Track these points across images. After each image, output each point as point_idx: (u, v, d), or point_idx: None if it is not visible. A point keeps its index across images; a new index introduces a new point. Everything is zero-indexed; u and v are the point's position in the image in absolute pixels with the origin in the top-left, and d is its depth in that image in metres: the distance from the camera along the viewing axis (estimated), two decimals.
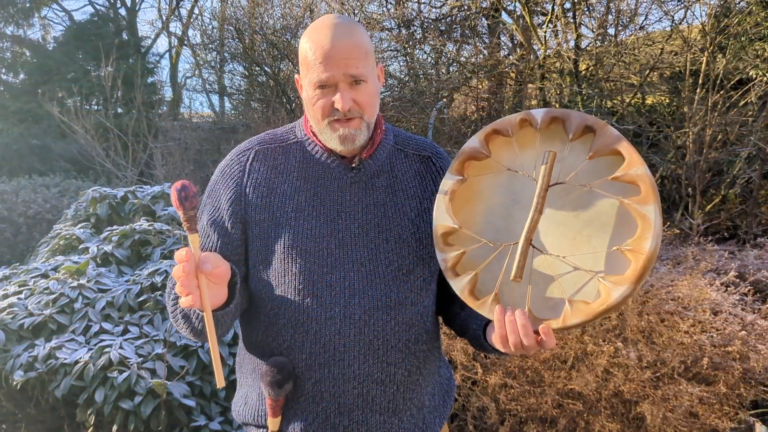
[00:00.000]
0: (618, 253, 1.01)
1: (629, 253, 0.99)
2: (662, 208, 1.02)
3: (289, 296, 1.19)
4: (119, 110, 9.81)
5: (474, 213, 1.17)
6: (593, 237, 1.05)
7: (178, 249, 3.07)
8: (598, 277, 1.02)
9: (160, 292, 2.85)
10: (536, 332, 1.03)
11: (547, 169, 1.06)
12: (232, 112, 10.81)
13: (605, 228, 1.04)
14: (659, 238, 1.00)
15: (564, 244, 1.07)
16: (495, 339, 1.10)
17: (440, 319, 1.41)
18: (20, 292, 2.86)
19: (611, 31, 6.04)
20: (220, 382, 1.01)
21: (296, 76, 1.26)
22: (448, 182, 1.18)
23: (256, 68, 8.44)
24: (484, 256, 1.13)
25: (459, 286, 1.11)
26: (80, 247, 3.35)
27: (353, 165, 1.23)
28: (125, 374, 2.38)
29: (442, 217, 1.16)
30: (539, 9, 6.31)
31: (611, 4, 5.87)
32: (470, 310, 1.26)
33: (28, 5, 12.81)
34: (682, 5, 5.81)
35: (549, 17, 5.93)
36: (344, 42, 1.14)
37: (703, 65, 5.10)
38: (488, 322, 1.19)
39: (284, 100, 7.72)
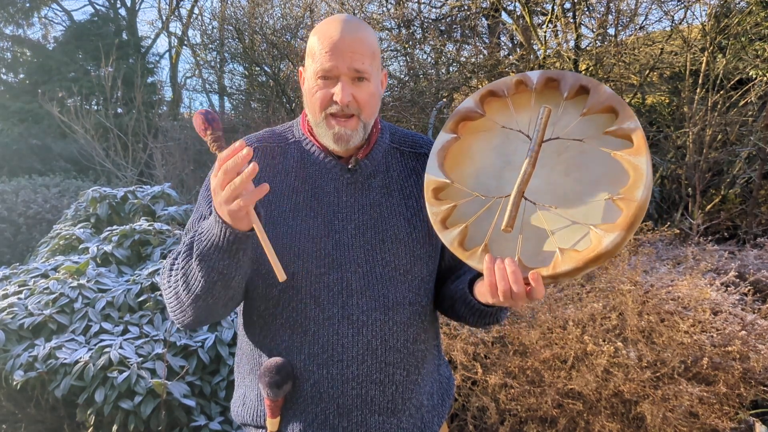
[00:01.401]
0: (610, 204, 1.02)
1: (621, 202, 1.00)
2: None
3: (286, 297, 1.19)
4: (119, 110, 9.80)
5: (466, 173, 1.18)
6: (585, 193, 1.06)
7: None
8: (589, 226, 1.02)
9: (160, 292, 2.84)
10: (526, 282, 1.02)
11: (543, 122, 1.07)
12: (232, 112, 10.80)
13: (598, 184, 1.05)
14: (650, 190, 1.01)
15: (556, 202, 1.08)
16: (483, 289, 1.09)
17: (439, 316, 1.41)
18: (20, 292, 2.86)
19: (611, 31, 6.04)
20: (280, 275, 1.04)
21: (300, 68, 1.26)
22: (441, 139, 1.20)
23: (256, 68, 8.43)
24: (475, 211, 1.14)
25: (448, 238, 1.11)
26: (80, 247, 3.35)
27: (350, 166, 1.24)
28: (125, 374, 2.38)
29: (433, 173, 1.17)
30: (539, 9, 6.31)
31: (611, 4, 5.87)
32: (458, 280, 1.26)
33: (27, 5, 12.81)
34: (682, 5, 5.81)
35: (549, 17, 5.93)
36: (353, 36, 1.15)
37: (703, 65, 5.10)
38: (473, 279, 1.19)
39: (284, 100, 7.72)
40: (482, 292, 1.11)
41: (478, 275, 1.14)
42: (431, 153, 1.20)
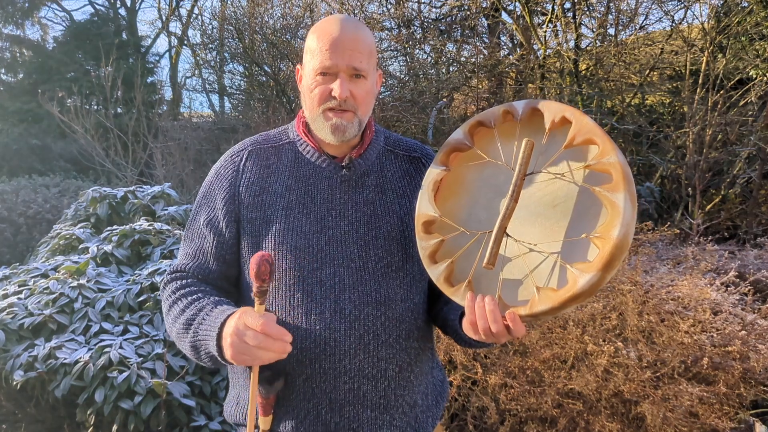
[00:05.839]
0: (588, 241, 1.02)
1: (597, 240, 0.99)
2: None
3: (279, 292, 1.20)
4: (119, 110, 9.80)
5: (458, 204, 1.19)
6: (569, 227, 1.05)
7: (178, 249, 3.02)
8: (567, 265, 1.01)
9: (159, 292, 2.84)
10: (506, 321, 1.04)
11: (524, 157, 1.07)
12: (232, 112, 10.80)
13: (580, 218, 1.04)
14: (630, 227, 0.98)
15: (542, 235, 1.07)
16: (466, 325, 1.11)
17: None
18: (20, 292, 2.86)
19: (611, 31, 6.05)
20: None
21: (297, 66, 1.29)
22: (432, 172, 1.21)
23: (256, 68, 8.43)
24: (463, 245, 1.14)
25: (435, 273, 1.13)
26: (80, 247, 3.35)
27: (344, 164, 1.25)
28: (125, 374, 2.38)
29: (424, 206, 1.19)
30: (539, 9, 6.31)
31: (611, 4, 5.87)
32: (451, 305, 1.27)
33: (27, 5, 12.81)
34: (682, 5, 5.81)
35: (549, 17, 5.93)
36: (352, 35, 1.18)
37: (703, 65, 5.10)
38: (463, 312, 1.20)
39: (284, 100, 7.72)
40: (467, 328, 1.13)
41: None
42: (422, 186, 1.21)
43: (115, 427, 2.36)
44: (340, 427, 1.21)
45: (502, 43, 7.29)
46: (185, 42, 13.85)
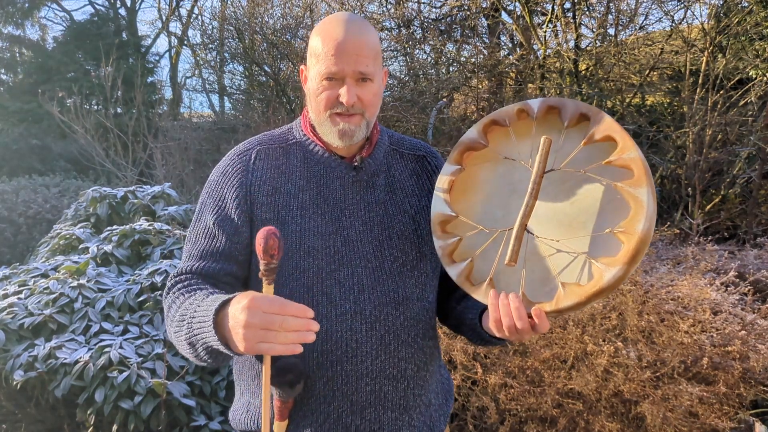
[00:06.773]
0: (612, 236, 1.02)
1: (622, 235, 1.00)
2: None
3: (298, 295, 1.18)
4: (119, 110, 9.80)
5: (473, 203, 1.19)
6: (588, 223, 1.06)
7: (178, 249, 2.99)
8: (591, 260, 1.02)
9: (159, 292, 2.84)
10: (530, 316, 1.04)
11: (543, 154, 1.07)
12: (232, 112, 10.79)
13: (600, 213, 1.05)
14: (652, 221, 1.00)
15: (560, 232, 1.08)
16: (490, 323, 1.10)
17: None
18: (20, 292, 2.86)
19: (611, 31, 6.04)
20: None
21: (301, 66, 1.26)
22: (446, 171, 1.21)
23: (256, 68, 8.43)
24: (481, 243, 1.15)
25: (455, 272, 1.13)
26: (80, 247, 3.35)
27: (355, 164, 1.24)
28: (125, 374, 2.38)
29: (439, 206, 1.19)
30: (539, 9, 6.31)
31: (611, 4, 5.87)
32: (465, 303, 1.27)
33: (27, 6, 12.81)
34: (682, 5, 5.81)
35: (549, 17, 5.93)
36: (357, 38, 1.15)
37: (703, 65, 5.10)
38: (483, 311, 1.20)
39: (284, 100, 7.72)
40: (491, 326, 1.12)
41: (486, 306, 1.15)
42: (437, 185, 1.21)
43: (115, 427, 2.36)
44: (360, 429, 1.19)
45: (502, 43, 7.29)
46: (185, 42, 13.85)
